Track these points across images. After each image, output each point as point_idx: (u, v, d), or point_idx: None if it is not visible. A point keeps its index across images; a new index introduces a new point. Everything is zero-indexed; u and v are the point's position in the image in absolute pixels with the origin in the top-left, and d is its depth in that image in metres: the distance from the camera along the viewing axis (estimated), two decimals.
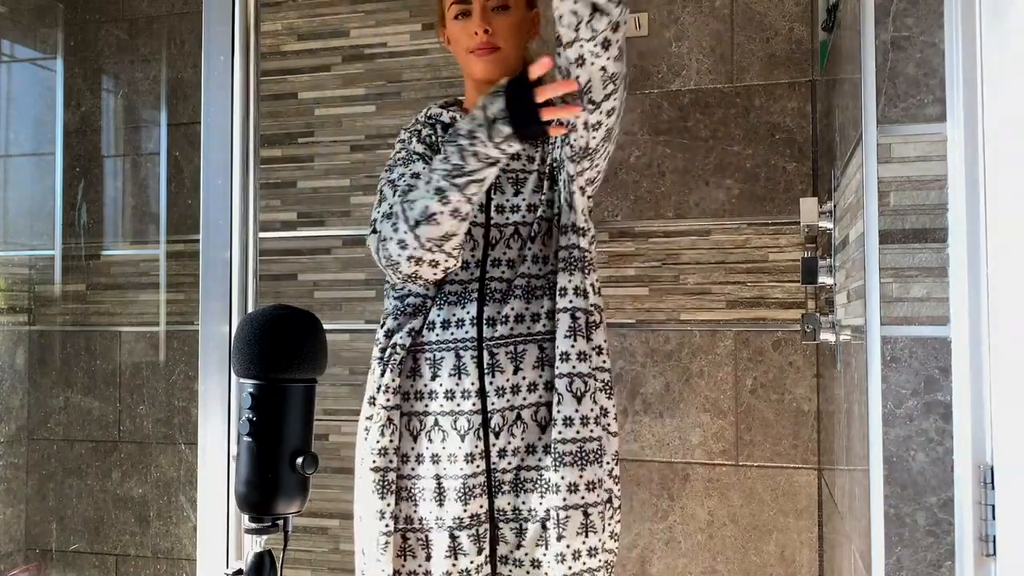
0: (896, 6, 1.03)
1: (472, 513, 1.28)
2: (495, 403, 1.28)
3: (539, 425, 1.30)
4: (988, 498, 0.93)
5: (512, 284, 1.32)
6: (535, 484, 1.29)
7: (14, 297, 2.52)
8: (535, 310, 1.32)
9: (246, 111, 1.35)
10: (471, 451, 1.27)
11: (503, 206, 1.35)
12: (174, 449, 2.38)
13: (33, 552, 2.50)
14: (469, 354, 1.29)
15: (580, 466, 1.26)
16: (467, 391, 1.29)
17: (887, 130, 1.03)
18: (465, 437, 1.28)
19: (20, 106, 2.60)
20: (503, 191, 1.36)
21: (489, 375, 1.28)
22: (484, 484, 1.29)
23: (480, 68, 1.37)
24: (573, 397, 1.26)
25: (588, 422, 1.27)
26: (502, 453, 1.29)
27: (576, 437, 1.26)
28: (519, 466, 1.30)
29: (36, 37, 2.59)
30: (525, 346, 1.30)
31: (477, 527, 1.29)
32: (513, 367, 1.29)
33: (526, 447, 1.30)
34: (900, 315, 1.02)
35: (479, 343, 1.29)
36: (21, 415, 2.49)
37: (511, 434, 1.28)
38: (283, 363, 0.89)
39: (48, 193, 2.52)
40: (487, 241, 1.34)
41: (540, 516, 1.28)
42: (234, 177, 1.33)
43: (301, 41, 2.33)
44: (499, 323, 1.30)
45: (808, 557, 1.93)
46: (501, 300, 1.32)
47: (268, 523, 0.90)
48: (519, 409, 1.29)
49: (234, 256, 1.32)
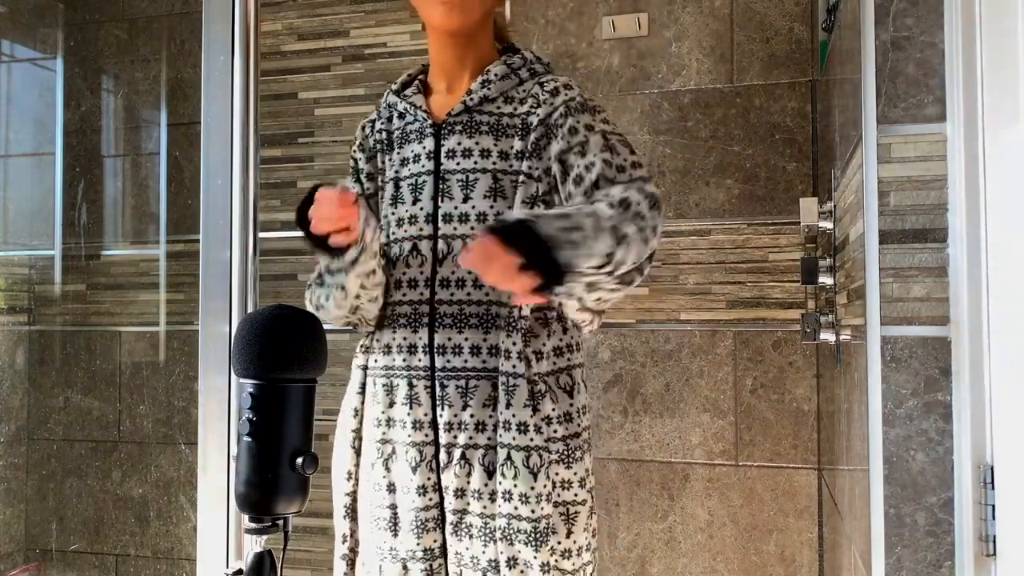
0: (896, 6, 1.03)
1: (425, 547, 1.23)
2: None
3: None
4: (988, 498, 0.93)
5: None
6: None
7: (14, 297, 2.52)
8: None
9: (246, 111, 1.35)
10: (423, 483, 1.22)
11: (450, 214, 1.24)
12: (174, 449, 2.38)
13: (33, 552, 2.49)
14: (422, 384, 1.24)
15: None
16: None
17: (887, 130, 1.03)
18: (417, 469, 1.22)
19: (20, 106, 2.60)
20: (451, 197, 1.25)
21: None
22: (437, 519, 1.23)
23: (438, 14, 1.24)
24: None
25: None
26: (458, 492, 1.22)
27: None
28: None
29: (36, 37, 2.59)
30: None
31: (431, 561, 1.23)
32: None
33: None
34: (900, 315, 1.02)
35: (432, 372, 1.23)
36: (21, 415, 2.49)
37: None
38: (283, 363, 0.89)
39: (48, 193, 2.52)
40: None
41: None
42: (234, 177, 1.33)
43: (301, 41, 2.33)
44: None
45: (808, 557, 1.93)
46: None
47: (268, 523, 0.90)
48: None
49: (234, 256, 1.32)
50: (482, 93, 1.27)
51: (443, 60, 1.33)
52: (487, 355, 1.20)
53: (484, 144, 1.25)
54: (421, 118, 1.30)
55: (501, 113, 1.27)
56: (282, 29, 2.34)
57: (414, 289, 1.24)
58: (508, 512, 1.17)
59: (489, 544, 1.19)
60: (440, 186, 1.24)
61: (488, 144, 1.25)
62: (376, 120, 1.36)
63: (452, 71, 1.33)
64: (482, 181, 1.23)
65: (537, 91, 1.27)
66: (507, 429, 1.18)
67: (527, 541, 1.16)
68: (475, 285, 1.21)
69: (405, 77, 1.39)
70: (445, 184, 1.24)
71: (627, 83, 2.08)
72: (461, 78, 1.32)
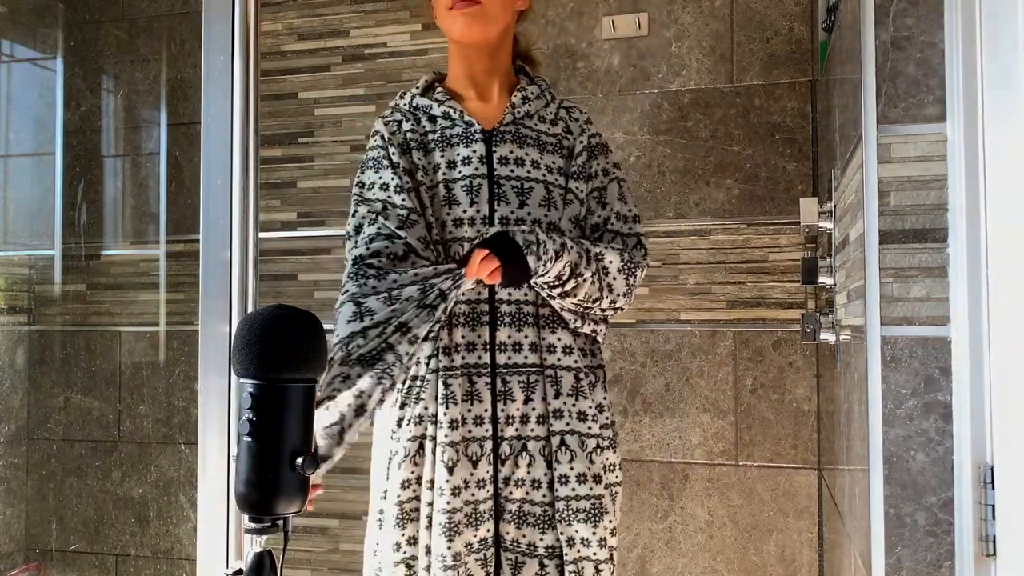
0: (896, 6, 1.03)
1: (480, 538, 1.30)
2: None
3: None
4: (988, 498, 0.93)
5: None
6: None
7: (14, 297, 2.52)
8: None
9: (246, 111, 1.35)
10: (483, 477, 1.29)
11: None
12: (174, 449, 2.38)
13: (33, 552, 2.49)
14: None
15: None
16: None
17: (887, 130, 1.03)
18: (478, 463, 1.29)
19: (20, 106, 2.60)
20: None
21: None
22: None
23: (458, 26, 1.30)
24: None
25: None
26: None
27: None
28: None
29: (36, 37, 2.59)
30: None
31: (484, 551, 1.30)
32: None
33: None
34: (900, 315, 1.02)
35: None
36: (21, 415, 2.49)
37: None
38: (283, 363, 0.89)
39: (48, 193, 2.52)
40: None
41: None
42: (234, 177, 1.33)
43: (301, 41, 2.33)
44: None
45: (808, 557, 1.93)
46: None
47: (268, 523, 0.90)
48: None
49: (234, 256, 1.32)
50: (524, 109, 1.37)
51: (469, 70, 1.39)
52: (545, 352, 1.31)
53: (532, 156, 1.34)
54: (466, 123, 1.34)
55: (539, 130, 1.37)
56: (282, 29, 2.34)
57: (472, 289, 1.30)
58: (566, 495, 1.28)
59: (548, 530, 1.28)
60: (495, 191, 1.31)
61: (536, 156, 1.34)
62: (401, 120, 1.37)
63: (481, 80, 1.39)
64: (536, 190, 1.33)
65: (565, 116, 1.41)
66: (559, 417, 1.29)
67: (586, 519, 1.27)
68: (530, 286, 1.31)
69: (424, 82, 1.42)
70: (500, 189, 1.31)
71: (627, 83, 2.08)
72: (490, 87, 1.39)
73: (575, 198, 1.35)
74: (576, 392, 1.31)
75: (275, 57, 2.33)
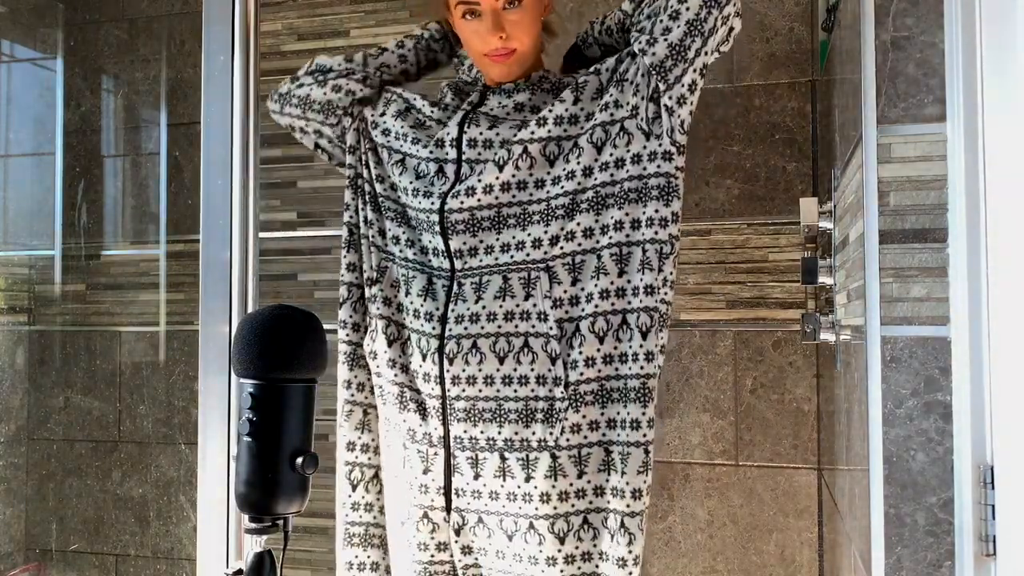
0: (896, 6, 1.03)
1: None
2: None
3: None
4: (988, 498, 0.93)
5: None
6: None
7: (14, 297, 2.52)
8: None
9: (246, 111, 1.35)
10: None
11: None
12: (174, 449, 2.38)
13: (33, 552, 2.50)
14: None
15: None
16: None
17: (887, 130, 1.03)
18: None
19: (20, 106, 2.60)
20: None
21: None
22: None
23: (497, 72, 1.31)
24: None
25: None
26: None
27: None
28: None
29: (36, 37, 2.59)
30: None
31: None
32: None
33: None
34: (900, 315, 1.02)
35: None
36: (21, 415, 2.49)
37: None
38: (283, 363, 0.89)
39: (48, 193, 2.52)
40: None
41: None
42: (234, 177, 1.33)
43: (301, 41, 2.33)
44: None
45: (808, 557, 1.93)
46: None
47: (268, 523, 0.90)
48: None
49: (234, 256, 1.32)
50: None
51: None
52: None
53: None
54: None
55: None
56: (282, 29, 2.34)
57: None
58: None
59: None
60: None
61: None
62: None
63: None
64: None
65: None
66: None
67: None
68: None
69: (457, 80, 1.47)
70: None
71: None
72: None
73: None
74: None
75: (275, 57, 2.33)
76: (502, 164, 1.28)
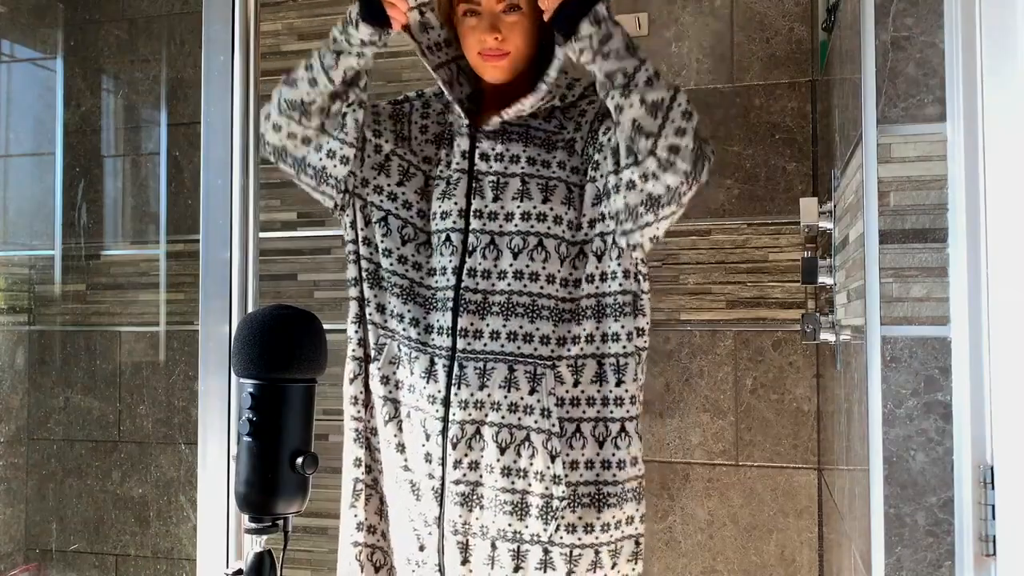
0: (896, 6, 1.03)
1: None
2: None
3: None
4: (988, 498, 0.93)
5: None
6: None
7: (14, 297, 2.52)
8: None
9: (246, 111, 1.35)
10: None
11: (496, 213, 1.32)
12: (174, 449, 2.38)
13: (33, 552, 2.50)
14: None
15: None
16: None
17: (887, 130, 1.03)
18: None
19: (20, 106, 2.60)
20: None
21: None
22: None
23: (489, 73, 1.33)
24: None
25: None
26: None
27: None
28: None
29: (36, 37, 2.59)
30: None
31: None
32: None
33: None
34: (900, 315, 1.02)
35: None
36: (21, 415, 2.49)
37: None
38: (283, 363, 0.89)
39: (48, 193, 2.52)
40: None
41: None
42: (234, 177, 1.33)
43: (301, 41, 2.33)
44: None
45: (808, 557, 1.93)
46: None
47: (268, 523, 0.90)
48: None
49: (234, 256, 1.32)
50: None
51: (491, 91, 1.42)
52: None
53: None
54: None
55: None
56: (282, 29, 2.34)
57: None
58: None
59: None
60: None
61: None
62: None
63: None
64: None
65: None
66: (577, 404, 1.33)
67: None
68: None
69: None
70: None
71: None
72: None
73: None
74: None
75: (275, 57, 2.33)
76: (516, 252, 1.30)
